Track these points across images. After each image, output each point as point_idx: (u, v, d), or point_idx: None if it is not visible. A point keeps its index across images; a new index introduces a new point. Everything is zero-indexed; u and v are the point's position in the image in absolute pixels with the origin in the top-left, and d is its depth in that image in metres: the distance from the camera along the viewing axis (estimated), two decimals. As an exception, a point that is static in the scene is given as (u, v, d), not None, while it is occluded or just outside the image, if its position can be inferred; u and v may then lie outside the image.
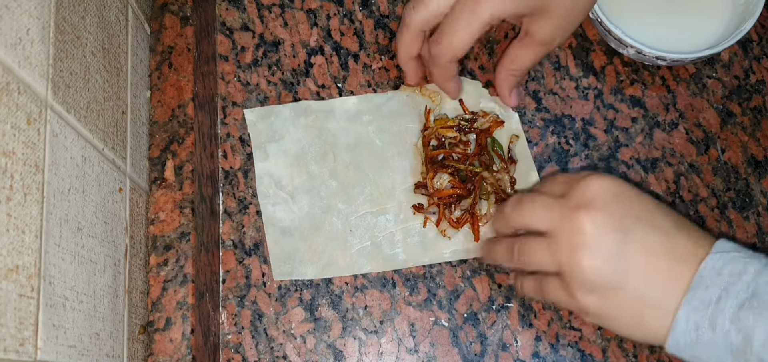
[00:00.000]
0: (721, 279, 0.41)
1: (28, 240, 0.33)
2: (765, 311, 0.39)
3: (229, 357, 0.53)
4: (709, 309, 0.41)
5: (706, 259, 0.42)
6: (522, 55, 0.52)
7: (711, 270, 0.41)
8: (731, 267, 0.41)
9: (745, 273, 0.41)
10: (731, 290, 0.40)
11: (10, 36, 0.33)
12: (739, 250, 0.43)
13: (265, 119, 0.57)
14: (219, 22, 0.60)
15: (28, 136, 0.34)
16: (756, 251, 0.43)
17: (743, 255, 0.42)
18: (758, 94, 0.60)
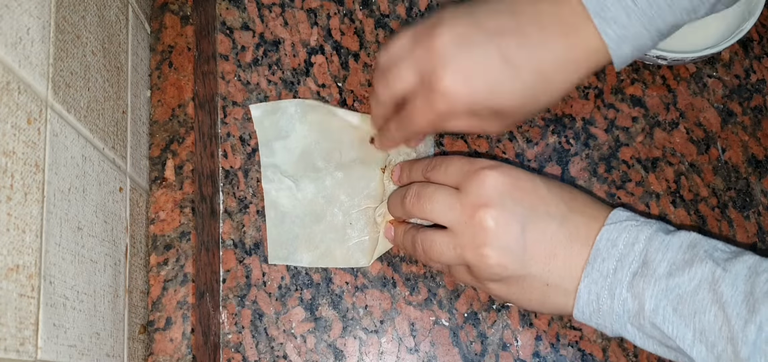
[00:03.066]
0: (616, 250, 0.44)
1: (28, 239, 0.33)
2: (653, 278, 0.42)
3: (230, 357, 0.53)
4: (607, 280, 0.44)
5: (601, 232, 0.45)
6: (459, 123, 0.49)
7: (606, 242, 0.44)
8: (625, 236, 0.44)
9: (637, 242, 0.44)
10: (625, 260, 0.44)
11: (10, 35, 0.33)
12: (633, 218, 0.45)
13: (270, 116, 0.57)
14: (219, 22, 0.60)
15: (29, 136, 0.34)
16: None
17: (636, 223, 0.45)
18: (759, 94, 0.60)
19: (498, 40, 0.45)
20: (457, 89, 0.45)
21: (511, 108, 0.47)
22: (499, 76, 0.45)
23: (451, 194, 0.47)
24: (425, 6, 0.61)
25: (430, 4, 0.62)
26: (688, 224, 0.57)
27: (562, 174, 0.58)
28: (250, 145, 0.57)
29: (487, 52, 0.45)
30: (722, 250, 0.43)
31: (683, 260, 0.42)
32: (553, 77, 0.46)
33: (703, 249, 0.43)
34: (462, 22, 0.46)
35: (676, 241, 0.43)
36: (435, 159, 0.51)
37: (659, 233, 0.44)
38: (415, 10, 0.61)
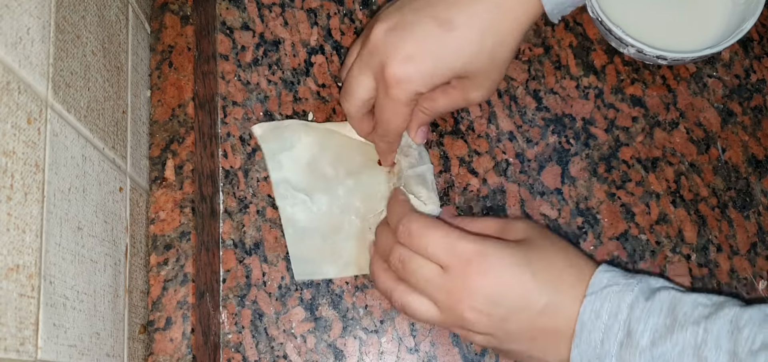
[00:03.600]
0: (601, 321, 0.44)
1: (28, 239, 0.33)
2: (637, 349, 0.42)
3: (230, 357, 0.53)
4: (596, 351, 0.44)
5: (584, 304, 0.44)
6: (440, 99, 0.50)
7: (590, 313, 0.44)
8: (608, 306, 0.44)
9: (620, 311, 0.43)
10: (610, 332, 0.43)
11: (10, 35, 0.33)
12: (613, 281, 0.45)
13: (273, 131, 0.57)
14: (219, 22, 0.60)
15: (29, 136, 0.34)
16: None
17: (617, 289, 0.44)
18: (759, 94, 0.60)
19: (428, 10, 0.46)
20: (408, 71, 0.46)
21: (469, 68, 0.47)
22: (441, 42, 0.46)
23: (436, 277, 0.46)
24: (425, 6, 0.61)
25: (430, 4, 0.62)
26: (688, 224, 0.57)
27: (562, 174, 0.58)
28: (250, 145, 0.57)
29: (423, 25, 0.46)
30: (703, 306, 0.42)
31: (665, 326, 0.42)
32: (498, 27, 0.46)
33: (683, 312, 0.42)
34: (393, 10, 0.48)
35: (656, 306, 0.43)
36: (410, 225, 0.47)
37: (640, 299, 0.43)
38: (415, 10, 0.61)
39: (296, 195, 0.55)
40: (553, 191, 0.57)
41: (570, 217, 0.57)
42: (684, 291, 0.44)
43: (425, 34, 0.46)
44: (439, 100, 0.50)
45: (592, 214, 0.57)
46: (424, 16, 0.46)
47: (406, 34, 0.46)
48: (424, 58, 0.46)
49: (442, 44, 0.46)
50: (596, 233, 0.56)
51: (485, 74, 0.48)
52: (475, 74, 0.48)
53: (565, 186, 0.57)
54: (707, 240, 0.57)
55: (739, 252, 0.56)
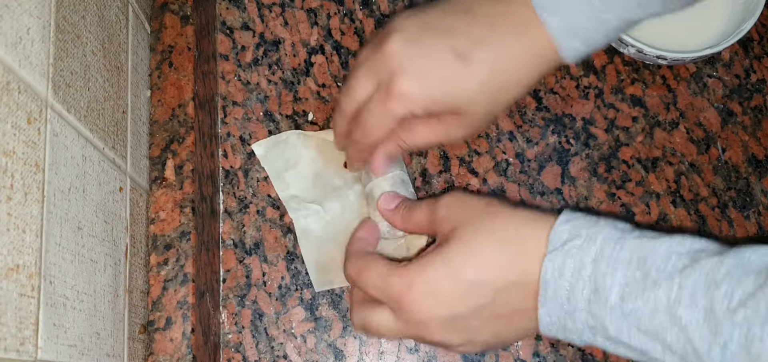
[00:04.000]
0: (565, 280, 0.41)
1: (28, 239, 0.33)
2: (607, 306, 0.40)
3: (230, 357, 0.53)
4: (564, 307, 0.42)
5: (544, 263, 0.42)
6: (420, 131, 0.49)
7: (553, 272, 0.42)
8: (571, 262, 0.41)
9: (584, 267, 0.41)
10: (576, 289, 0.41)
11: (10, 35, 0.33)
12: (575, 236, 0.42)
13: (273, 149, 0.56)
14: (219, 22, 0.60)
15: (29, 136, 0.34)
16: None
17: (579, 243, 0.41)
18: (759, 94, 0.60)
19: (450, 38, 0.46)
20: (413, 89, 0.46)
21: (469, 105, 0.47)
22: (453, 72, 0.46)
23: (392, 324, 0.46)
24: (425, 6, 0.61)
25: (430, 4, 0.62)
26: (688, 224, 0.57)
27: (562, 174, 0.58)
28: (250, 145, 0.57)
29: (440, 50, 0.46)
30: (677, 255, 0.39)
31: (634, 280, 0.40)
32: (509, 74, 0.46)
33: (656, 267, 0.39)
34: (413, 24, 0.47)
35: (624, 257, 0.40)
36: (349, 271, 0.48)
37: (605, 249, 0.41)
38: (415, 10, 0.61)
39: (309, 207, 0.55)
40: (553, 191, 0.57)
41: (570, 217, 0.57)
42: (654, 235, 0.41)
43: (440, 60, 0.46)
44: (420, 133, 0.49)
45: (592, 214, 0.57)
46: (444, 44, 0.46)
47: (422, 53, 0.46)
48: (434, 82, 0.46)
49: (453, 74, 0.46)
50: (596, 233, 0.56)
51: (477, 115, 0.48)
52: (469, 112, 0.47)
53: (565, 186, 0.57)
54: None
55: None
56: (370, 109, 0.48)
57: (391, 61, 0.46)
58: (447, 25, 0.47)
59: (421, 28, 0.47)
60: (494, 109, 0.48)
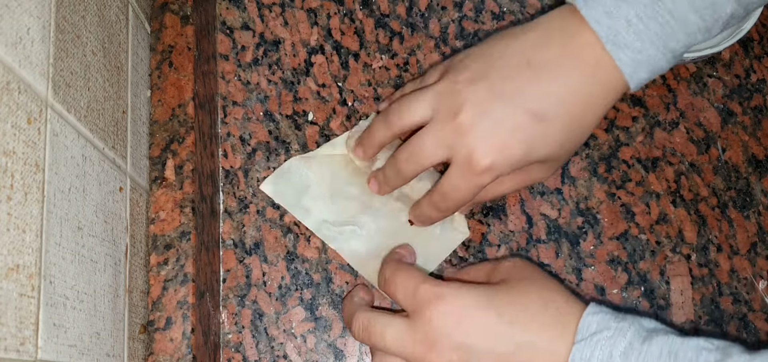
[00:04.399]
0: None
1: (28, 239, 0.33)
2: None
3: (230, 357, 0.53)
4: None
5: (573, 352, 0.42)
6: (505, 183, 0.51)
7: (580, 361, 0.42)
8: (598, 354, 0.41)
9: (612, 359, 0.41)
10: None
11: (10, 35, 0.33)
12: (604, 327, 0.42)
13: (281, 180, 0.56)
14: (219, 21, 0.60)
15: (29, 136, 0.34)
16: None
17: (609, 334, 0.41)
18: (759, 94, 0.60)
19: (520, 100, 0.46)
20: (496, 161, 0.46)
21: (551, 155, 0.47)
22: (532, 134, 0.46)
23: (400, 331, 0.45)
24: (425, 6, 0.61)
25: (430, 5, 0.62)
26: (688, 224, 0.57)
27: (562, 174, 0.58)
28: (250, 145, 0.57)
29: (515, 117, 0.46)
30: (707, 351, 0.40)
31: None
32: (582, 115, 0.46)
33: (687, 358, 0.39)
34: (481, 93, 0.47)
35: (654, 352, 0.40)
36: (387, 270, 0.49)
37: (635, 344, 0.41)
38: (416, 10, 0.61)
39: (344, 230, 0.55)
40: (553, 191, 0.57)
41: (570, 217, 0.57)
42: (680, 335, 0.41)
43: (517, 126, 0.46)
44: (505, 184, 0.51)
45: (592, 214, 0.57)
46: (517, 107, 0.46)
47: (497, 124, 0.46)
48: (514, 147, 0.46)
49: (533, 135, 0.46)
50: (596, 233, 0.56)
51: (562, 157, 0.49)
52: (554, 158, 0.48)
53: (565, 186, 0.57)
54: (707, 240, 0.57)
55: (739, 252, 0.56)
56: (454, 184, 0.48)
57: (468, 137, 0.46)
58: (515, 87, 0.46)
59: (490, 95, 0.46)
60: (577, 145, 0.49)
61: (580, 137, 0.48)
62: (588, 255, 0.56)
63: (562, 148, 0.47)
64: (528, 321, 0.43)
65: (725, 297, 0.56)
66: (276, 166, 0.57)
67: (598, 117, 0.47)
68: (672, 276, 0.55)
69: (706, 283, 0.56)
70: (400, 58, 0.60)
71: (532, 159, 0.47)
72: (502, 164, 0.46)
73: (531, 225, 0.56)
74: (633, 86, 0.46)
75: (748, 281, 0.56)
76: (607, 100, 0.47)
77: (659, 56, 0.45)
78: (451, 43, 0.61)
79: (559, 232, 0.56)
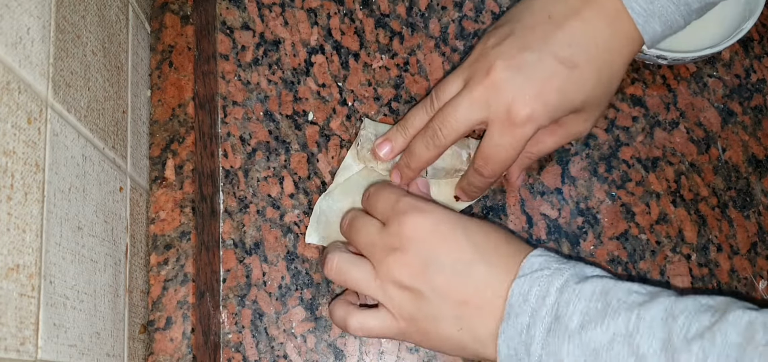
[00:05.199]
0: (528, 305, 0.43)
1: (28, 239, 0.33)
2: (566, 333, 0.41)
3: (230, 357, 0.53)
4: (522, 337, 0.43)
5: (513, 284, 0.44)
6: (547, 140, 0.52)
7: (518, 296, 0.43)
8: (537, 289, 0.43)
9: (548, 295, 0.42)
10: (538, 315, 0.42)
11: (10, 35, 0.33)
12: (545, 265, 0.44)
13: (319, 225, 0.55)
14: (219, 21, 0.60)
15: (29, 135, 0.34)
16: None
17: (548, 273, 0.43)
18: (759, 93, 0.60)
19: (548, 48, 0.47)
20: (536, 110, 0.47)
21: (587, 102, 0.49)
22: (565, 80, 0.47)
23: (373, 231, 0.48)
24: (426, 6, 0.61)
25: (430, 5, 0.62)
26: (688, 224, 0.57)
27: (562, 174, 0.58)
28: (250, 145, 0.57)
29: (546, 64, 0.47)
30: (637, 293, 0.41)
31: (596, 310, 0.41)
32: (610, 62, 0.48)
33: (617, 298, 0.41)
34: (509, 48, 0.48)
35: (587, 289, 0.42)
36: (371, 188, 0.52)
37: (570, 283, 0.42)
38: (416, 10, 0.61)
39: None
40: (553, 191, 0.57)
41: (570, 217, 0.57)
42: (618, 279, 0.43)
43: (550, 73, 0.47)
44: (547, 141, 0.51)
45: (592, 214, 0.57)
46: (546, 55, 0.47)
47: (530, 73, 0.47)
48: (550, 95, 0.47)
49: (566, 81, 0.47)
50: (596, 233, 0.56)
51: (596, 106, 0.50)
52: (589, 107, 0.49)
53: (566, 186, 0.57)
54: (707, 240, 0.57)
55: (739, 251, 0.56)
56: (495, 144, 0.48)
57: (504, 91, 0.47)
58: (539, 38, 0.47)
59: (518, 48, 0.48)
60: (609, 95, 0.50)
61: (608, 86, 0.49)
62: (588, 255, 0.56)
63: (594, 94, 0.48)
64: (490, 250, 0.46)
65: (725, 297, 0.56)
66: (276, 165, 0.57)
67: (623, 67, 0.49)
68: (672, 276, 0.55)
69: (706, 283, 0.56)
70: (400, 58, 0.60)
71: (567, 106, 0.48)
72: (541, 112, 0.47)
73: (531, 225, 0.56)
74: (647, 38, 0.48)
75: (748, 281, 0.56)
76: (627, 51, 0.48)
77: (672, 8, 0.47)
78: (451, 43, 0.61)
79: (559, 232, 0.56)
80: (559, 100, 0.47)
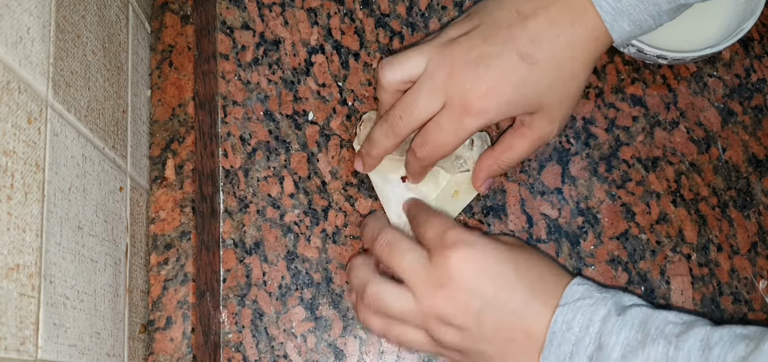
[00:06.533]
0: (572, 333, 0.44)
1: (28, 239, 0.33)
2: (609, 360, 0.42)
3: (230, 356, 0.53)
4: None
5: (556, 314, 0.44)
6: (518, 145, 0.51)
7: (561, 324, 0.44)
8: (580, 318, 0.44)
9: (592, 324, 0.43)
10: (581, 344, 0.43)
11: (10, 35, 0.33)
12: (588, 295, 0.45)
13: None
14: (219, 21, 0.60)
15: (29, 135, 0.34)
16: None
17: (590, 303, 0.44)
18: (759, 93, 0.60)
19: (511, 43, 0.47)
20: (489, 103, 0.47)
21: (545, 99, 0.49)
22: (522, 75, 0.47)
23: (416, 260, 0.47)
24: (426, 6, 0.61)
25: (430, 5, 0.62)
26: (688, 224, 0.57)
27: (562, 174, 0.58)
28: (250, 145, 0.57)
29: (505, 59, 0.47)
30: (674, 324, 0.43)
31: (636, 340, 0.42)
32: (571, 60, 0.48)
33: (655, 327, 0.42)
34: (473, 40, 0.48)
35: (628, 321, 0.43)
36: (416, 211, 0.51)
37: (612, 313, 0.43)
38: (416, 10, 0.61)
39: None
40: (553, 191, 0.57)
41: (570, 217, 0.57)
42: (655, 309, 0.44)
43: (508, 67, 0.47)
44: (517, 146, 0.51)
45: (592, 214, 0.57)
46: (508, 50, 0.47)
47: (490, 66, 0.47)
48: (504, 91, 0.47)
49: (522, 77, 0.47)
50: (596, 233, 0.56)
51: (557, 106, 0.49)
52: (548, 106, 0.49)
53: (566, 186, 0.57)
54: (707, 240, 0.57)
55: (739, 251, 0.56)
56: (441, 126, 0.49)
57: (460, 79, 0.47)
58: (504, 32, 0.48)
59: (482, 39, 0.48)
60: (571, 94, 0.49)
61: (571, 86, 0.49)
62: (588, 255, 0.56)
63: (552, 92, 0.48)
64: (536, 283, 0.46)
65: (725, 296, 0.56)
66: (276, 165, 0.57)
67: (586, 66, 0.48)
68: (672, 275, 0.55)
69: (707, 283, 0.56)
70: (400, 57, 0.60)
71: (523, 102, 0.48)
72: (493, 107, 0.47)
73: (531, 224, 0.56)
74: (615, 36, 0.47)
75: (749, 281, 0.56)
76: (592, 48, 0.48)
77: (641, 7, 0.46)
78: (452, 43, 0.61)
79: (559, 232, 0.56)
80: (514, 96, 0.47)
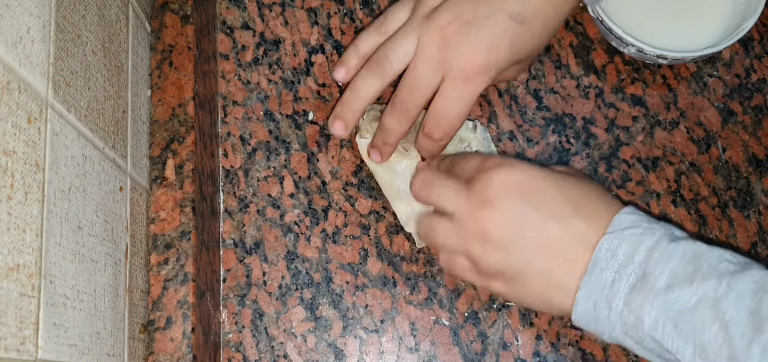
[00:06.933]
0: (616, 260, 0.43)
1: (28, 239, 0.33)
2: (651, 292, 0.41)
3: (230, 356, 0.53)
4: (605, 291, 0.43)
5: (601, 241, 0.44)
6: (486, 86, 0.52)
7: (606, 251, 0.43)
8: (626, 246, 0.43)
9: (637, 253, 0.42)
10: (624, 272, 0.42)
11: (10, 35, 0.33)
12: (636, 225, 0.44)
13: None
14: (219, 21, 0.60)
15: (29, 135, 0.34)
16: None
17: (638, 232, 0.43)
18: (759, 93, 0.60)
19: (501, 5, 0.49)
20: (489, 63, 0.48)
21: (531, 54, 0.51)
22: (515, 36, 0.49)
23: (458, 186, 0.48)
24: (425, 5, 0.61)
25: (431, 4, 0.62)
26: (688, 224, 0.57)
27: (563, 173, 0.58)
28: (250, 145, 0.57)
29: (497, 20, 0.48)
30: (729, 262, 0.41)
31: (685, 273, 0.41)
32: (554, 18, 0.50)
33: (708, 263, 0.41)
34: (465, 4, 0.49)
35: (678, 251, 0.42)
36: (457, 157, 0.52)
37: (662, 242, 0.42)
38: (416, 10, 0.61)
39: None
40: (553, 190, 0.57)
41: (570, 217, 0.57)
42: (709, 245, 0.43)
43: (500, 28, 0.48)
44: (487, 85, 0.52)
45: (592, 214, 0.57)
46: (497, 11, 0.48)
47: (481, 27, 0.48)
48: (499, 52, 0.49)
49: (515, 37, 0.49)
50: (596, 232, 0.56)
51: (534, 57, 0.54)
52: (530, 58, 0.52)
53: (566, 186, 0.57)
54: (707, 240, 0.57)
55: (739, 251, 0.56)
56: (448, 98, 0.50)
57: (458, 46, 0.48)
58: None
59: (473, 6, 0.49)
60: (541, 48, 0.52)
61: (545, 38, 0.51)
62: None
63: (538, 47, 0.51)
64: (583, 203, 0.46)
65: (725, 296, 0.56)
66: (276, 165, 0.57)
67: (561, 21, 0.52)
68: (672, 275, 0.55)
69: (707, 283, 0.56)
70: (400, 57, 0.60)
71: (515, 59, 0.50)
72: (492, 66, 0.49)
73: (531, 224, 0.56)
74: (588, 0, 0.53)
75: (749, 281, 0.56)
76: (567, 9, 0.51)
77: None
78: (452, 43, 0.61)
79: (559, 232, 0.56)
80: (509, 54, 0.49)
